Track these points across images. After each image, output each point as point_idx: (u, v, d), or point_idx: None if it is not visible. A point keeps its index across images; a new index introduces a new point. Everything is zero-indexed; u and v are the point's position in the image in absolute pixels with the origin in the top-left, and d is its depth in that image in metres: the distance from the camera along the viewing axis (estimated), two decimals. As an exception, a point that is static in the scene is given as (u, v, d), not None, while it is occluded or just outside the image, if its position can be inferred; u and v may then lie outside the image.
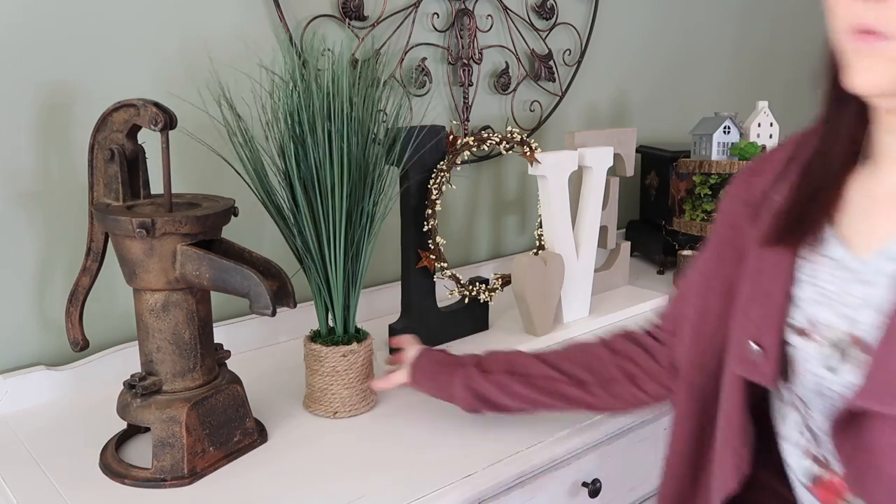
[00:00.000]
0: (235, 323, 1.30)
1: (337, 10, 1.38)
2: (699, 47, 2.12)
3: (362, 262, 1.10)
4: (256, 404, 1.05)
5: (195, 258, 0.90)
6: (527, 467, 0.98)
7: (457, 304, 1.36)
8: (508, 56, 1.65)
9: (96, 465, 0.96)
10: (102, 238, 0.99)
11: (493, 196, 1.72)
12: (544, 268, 1.34)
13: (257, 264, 0.94)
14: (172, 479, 0.92)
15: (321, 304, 1.10)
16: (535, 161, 1.33)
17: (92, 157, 0.97)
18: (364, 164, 1.07)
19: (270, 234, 1.16)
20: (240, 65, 1.25)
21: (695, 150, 1.72)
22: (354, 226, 1.07)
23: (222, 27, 1.25)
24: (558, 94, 1.76)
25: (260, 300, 0.88)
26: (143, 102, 0.93)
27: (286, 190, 1.08)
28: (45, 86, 1.11)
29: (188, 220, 0.90)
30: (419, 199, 1.26)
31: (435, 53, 1.53)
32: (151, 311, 0.93)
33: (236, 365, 1.06)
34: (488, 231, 1.73)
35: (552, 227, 1.38)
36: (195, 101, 1.16)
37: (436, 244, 1.28)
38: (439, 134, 1.27)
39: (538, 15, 1.68)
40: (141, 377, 0.94)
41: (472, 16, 1.55)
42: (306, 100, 1.02)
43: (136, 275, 0.92)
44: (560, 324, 1.43)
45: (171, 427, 0.92)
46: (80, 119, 1.13)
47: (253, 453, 1.00)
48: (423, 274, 1.29)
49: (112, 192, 0.97)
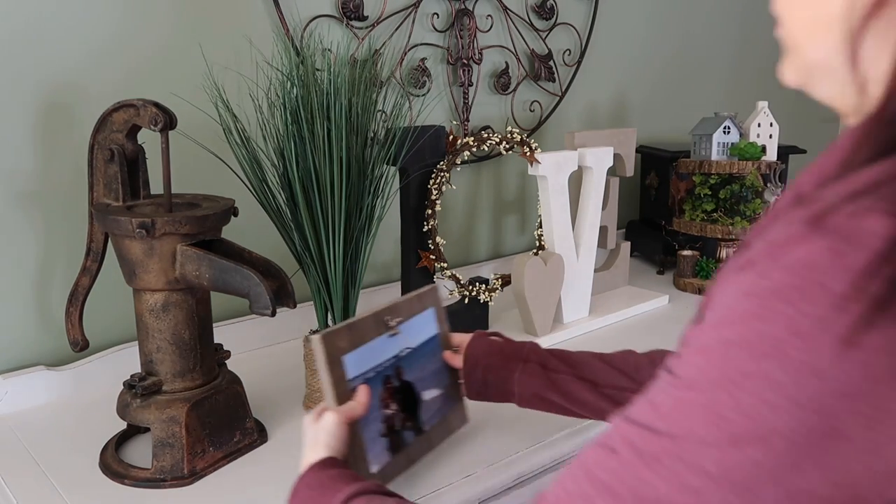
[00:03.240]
0: (235, 323, 1.30)
1: (337, 10, 1.38)
2: (699, 47, 2.12)
3: (361, 262, 1.10)
4: (256, 404, 1.05)
5: (195, 258, 0.90)
6: (526, 467, 0.98)
7: (457, 304, 1.36)
8: (508, 56, 1.65)
9: (96, 465, 0.96)
10: (102, 238, 0.99)
11: (493, 196, 1.72)
12: (544, 268, 1.34)
13: (257, 264, 0.94)
14: (172, 479, 0.92)
15: (320, 304, 1.10)
16: (535, 161, 1.33)
17: (92, 157, 0.97)
18: (363, 164, 1.07)
19: (270, 234, 1.16)
20: (240, 65, 1.25)
21: (695, 150, 1.72)
22: (354, 226, 1.07)
23: (222, 27, 1.25)
24: (558, 94, 1.76)
25: (260, 300, 0.88)
26: (143, 102, 0.93)
27: (285, 190, 1.08)
28: (45, 86, 1.11)
29: (188, 220, 0.90)
30: (419, 199, 1.26)
31: (435, 53, 1.53)
32: (151, 312, 0.93)
33: (236, 365, 1.06)
34: (488, 231, 1.73)
35: (552, 227, 1.38)
36: (195, 101, 1.16)
37: (436, 244, 1.28)
38: (439, 134, 1.27)
39: (538, 15, 1.68)
40: (141, 377, 0.94)
41: (472, 16, 1.55)
42: (305, 99, 1.02)
43: (136, 275, 0.92)
44: (560, 324, 1.43)
45: (171, 427, 0.92)
46: (80, 119, 1.13)
47: (253, 453, 1.00)
48: (423, 274, 1.29)
49: (112, 192, 0.97)
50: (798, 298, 0.40)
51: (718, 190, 1.66)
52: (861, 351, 0.38)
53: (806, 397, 0.39)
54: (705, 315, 0.45)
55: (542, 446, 1.01)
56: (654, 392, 0.46)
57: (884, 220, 0.39)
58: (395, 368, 0.90)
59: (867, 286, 0.38)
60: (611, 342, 1.40)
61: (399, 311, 0.91)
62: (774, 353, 0.40)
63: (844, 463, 0.40)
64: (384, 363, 0.88)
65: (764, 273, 0.42)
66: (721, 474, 0.42)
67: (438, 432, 0.95)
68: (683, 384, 0.44)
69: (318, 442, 0.77)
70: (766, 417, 0.40)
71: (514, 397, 0.93)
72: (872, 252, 0.38)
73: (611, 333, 1.45)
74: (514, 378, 0.91)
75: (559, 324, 1.43)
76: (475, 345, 0.95)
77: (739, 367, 0.42)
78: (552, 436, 1.03)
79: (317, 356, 0.81)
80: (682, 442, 0.43)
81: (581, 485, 0.47)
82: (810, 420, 0.40)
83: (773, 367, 0.40)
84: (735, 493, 0.41)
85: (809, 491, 0.41)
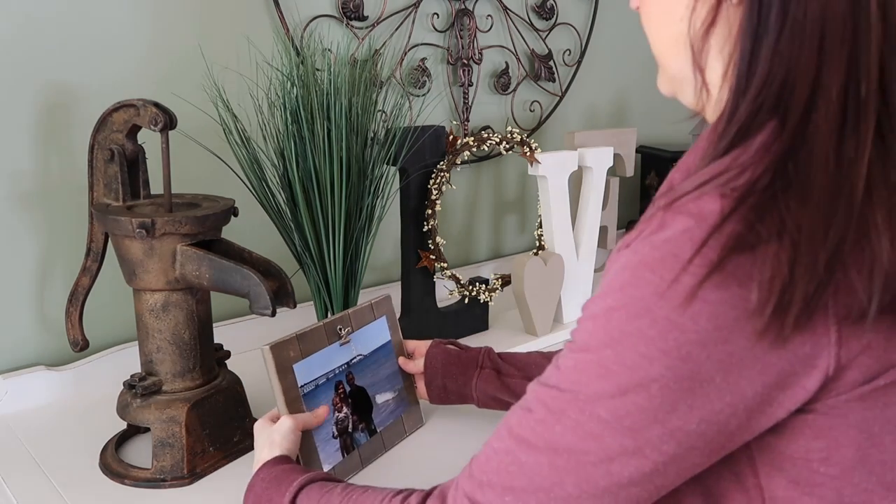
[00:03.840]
0: (235, 323, 1.30)
1: (337, 10, 1.38)
2: (699, 47, 2.11)
3: (361, 262, 1.10)
4: (256, 404, 1.05)
5: (195, 258, 0.90)
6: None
7: (457, 305, 1.36)
8: (508, 56, 1.65)
9: (96, 466, 0.96)
10: (102, 238, 0.99)
11: (493, 196, 1.72)
12: (544, 268, 1.34)
13: (257, 264, 0.94)
14: (172, 480, 0.92)
15: (321, 304, 1.10)
16: (535, 161, 1.33)
17: (92, 157, 0.97)
18: (363, 164, 1.07)
19: (270, 234, 1.16)
20: (240, 65, 1.25)
21: (695, 150, 1.71)
22: (353, 226, 1.07)
23: (222, 27, 1.25)
24: (558, 95, 1.76)
25: (260, 300, 0.88)
26: (143, 102, 0.93)
27: (285, 190, 1.08)
28: (45, 86, 1.11)
29: (188, 220, 0.90)
30: (419, 199, 1.26)
31: (435, 53, 1.53)
32: (151, 312, 0.93)
33: (236, 365, 1.06)
34: (488, 231, 1.73)
35: (552, 227, 1.38)
36: (195, 102, 1.16)
37: (436, 244, 1.28)
38: (439, 134, 1.27)
39: (538, 15, 1.68)
40: (141, 377, 0.94)
41: (472, 16, 1.55)
42: (305, 99, 1.02)
43: (136, 275, 0.92)
44: (560, 324, 1.43)
45: (171, 427, 0.92)
46: (80, 119, 1.13)
47: (253, 453, 0.99)
48: (423, 274, 1.29)
49: (112, 192, 0.97)
50: (659, 267, 0.48)
51: (718, 190, 1.66)
52: (705, 304, 0.47)
53: (671, 347, 0.48)
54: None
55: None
56: (559, 357, 0.55)
57: (718, 201, 0.47)
58: (347, 374, 0.96)
59: (706, 252, 0.46)
60: (611, 342, 1.40)
61: (351, 321, 0.97)
62: (644, 313, 0.48)
63: (709, 402, 0.48)
64: (335, 370, 0.94)
65: (636, 250, 0.50)
66: (615, 420, 0.50)
67: (392, 434, 1.00)
68: (578, 347, 0.53)
69: (273, 443, 0.83)
70: (644, 367, 0.48)
71: (473, 400, 1.00)
72: (709, 226, 0.47)
73: (611, 333, 1.44)
74: (472, 384, 0.99)
75: (559, 324, 1.43)
76: (434, 354, 1.01)
77: (619, 327, 0.50)
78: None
79: (267, 365, 0.87)
80: (581, 396, 0.51)
81: (505, 442, 0.55)
82: (677, 367, 0.48)
83: (645, 325, 0.48)
84: (627, 435, 0.49)
85: (685, 429, 0.49)
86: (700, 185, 0.49)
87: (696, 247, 0.47)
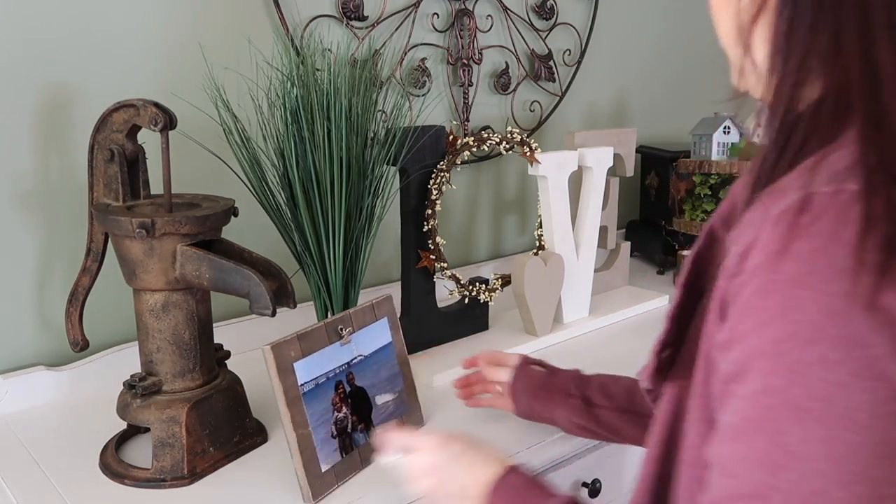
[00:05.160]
0: (235, 323, 1.30)
1: (337, 10, 1.38)
2: (699, 47, 2.12)
3: (361, 262, 1.10)
4: (256, 404, 1.05)
5: (195, 258, 0.90)
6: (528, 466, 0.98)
7: (457, 305, 1.36)
8: (508, 56, 1.65)
9: (96, 466, 0.96)
10: (102, 238, 0.99)
11: (493, 196, 1.72)
12: (544, 268, 1.34)
13: (257, 264, 0.94)
14: (172, 480, 0.92)
15: (321, 304, 1.10)
16: (535, 161, 1.33)
17: (92, 157, 0.97)
18: (363, 164, 1.07)
19: (270, 234, 1.16)
20: (240, 65, 1.25)
21: (695, 150, 1.72)
22: (354, 226, 1.07)
23: (222, 27, 1.25)
24: (558, 95, 1.76)
25: (260, 300, 0.88)
26: (143, 102, 0.93)
27: (285, 190, 1.08)
28: (45, 86, 1.11)
29: (188, 220, 0.90)
30: (419, 199, 1.26)
31: (435, 53, 1.53)
32: (151, 312, 0.93)
33: (236, 365, 1.06)
34: (488, 231, 1.73)
35: (552, 227, 1.38)
36: (195, 102, 1.16)
37: (436, 244, 1.28)
38: (439, 134, 1.27)
39: (538, 15, 1.68)
40: (141, 377, 0.94)
41: (472, 16, 1.55)
42: (305, 99, 1.02)
43: (136, 275, 0.92)
44: (560, 324, 1.43)
45: (171, 427, 0.92)
46: (80, 119, 1.13)
47: (253, 453, 1.00)
48: (423, 274, 1.29)
49: (112, 192, 0.97)
50: (817, 282, 0.42)
51: (718, 190, 1.66)
52: (884, 313, 0.41)
53: (861, 367, 0.41)
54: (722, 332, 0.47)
55: (542, 446, 1.01)
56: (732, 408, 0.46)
57: (856, 196, 0.42)
58: (347, 374, 0.96)
59: (866, 256, 0.41)
60: (611, 342, 1.40)
61: (352, 321, 0.97)
62: (820, 336, 0.42)
63: None
64: (336, 370, 0.94)
65: (772, 269, 0.43)
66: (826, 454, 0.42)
67: None
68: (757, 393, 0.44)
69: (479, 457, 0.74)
70: (839, 396, 0.41)
71: (560, 427, 0.98)
72: (857, 225, 0.41)
73: (611, 333, 1.45)
74: (558, 413, 0.96)
75: (559, 324, 1.43)
76: (521, 375, 0.99)
77: (797, 358, 0.42)
78: (552, 436, 1.02)
79: (268, 365, 0.87)
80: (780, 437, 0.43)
81: None
82: (875, 387, 0.41)
83: (826, 349, 0.42)
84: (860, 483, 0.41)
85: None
86: (829, 180, 0.44)
87: (852, 251, 0.42)
